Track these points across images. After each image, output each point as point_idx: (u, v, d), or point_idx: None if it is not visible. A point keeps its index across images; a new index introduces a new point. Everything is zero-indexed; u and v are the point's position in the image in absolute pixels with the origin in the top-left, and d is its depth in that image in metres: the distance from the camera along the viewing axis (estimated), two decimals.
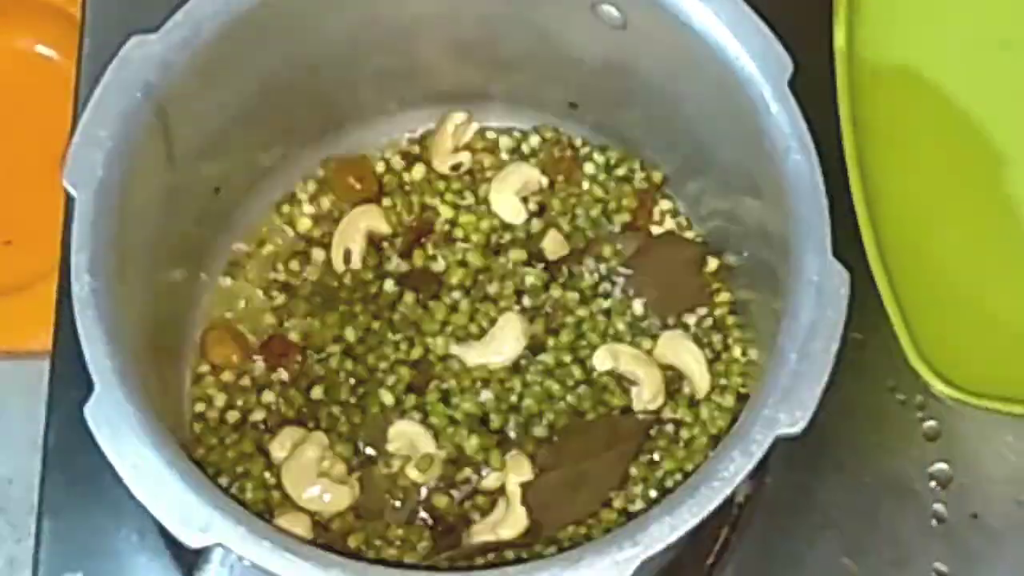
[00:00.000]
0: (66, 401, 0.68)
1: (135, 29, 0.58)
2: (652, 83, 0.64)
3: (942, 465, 0.69)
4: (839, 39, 0.69)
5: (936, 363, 0.65)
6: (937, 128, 0.72)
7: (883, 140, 0.69)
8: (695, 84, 0.61)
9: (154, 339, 0.61)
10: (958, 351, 0.66)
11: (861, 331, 0.67)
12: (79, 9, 0.77)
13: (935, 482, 0.69)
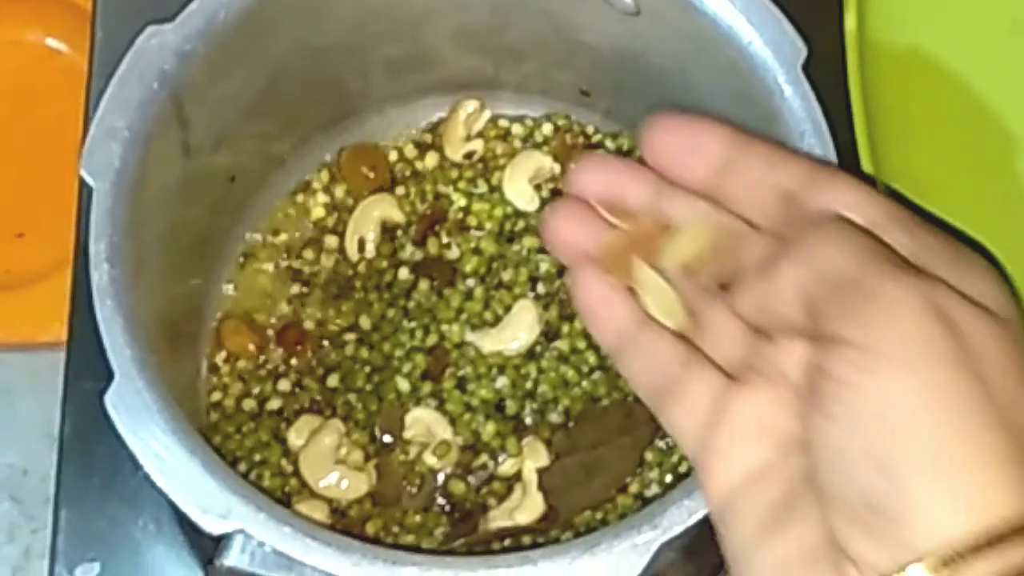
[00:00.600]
0: (81, 391, 0.68)
1: (146, 20, 0.58)
2: (664, 69, 0.64)
3: None
4: (849, 21, 0.69)
5: None
6: (948, 110, 0.72)
7: (894, 123, 0.69)
8: (708, 69, 0.61)
9: (171, 328, 0.61)
10: None
11: None
12: (90, 1, 0.77)
13: None
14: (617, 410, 0.65)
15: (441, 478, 0.65)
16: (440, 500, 0.65)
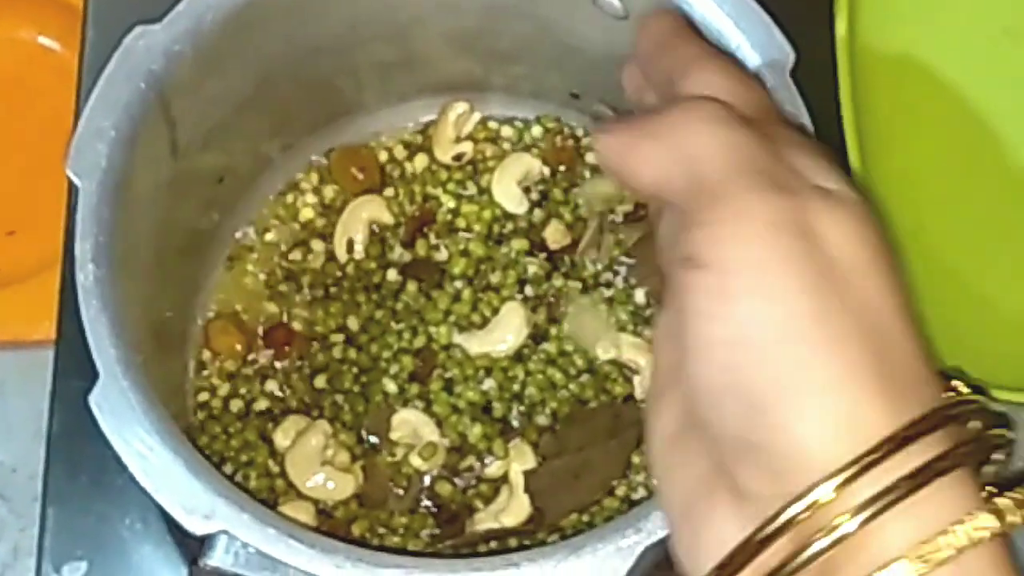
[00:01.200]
0: (70, 390, 0.68)
1: (138, 19, 0.58)
2: None
3: None
4: (840, 27, 0.69)
5: (944, 354, 0.65)
6: (939, 116, 0.72)
7: (885, 129, 0.70)
8: None
9: (158, 328, 0.61)
10: (963, 340, 0.66)
11: None
12: (81, 0, 0.77)
13: None
14: (605, 413, 0.65)
15: (427, 480, 0.65)
16: (426, 502, 0.65)
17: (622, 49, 0.63)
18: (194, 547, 0.52)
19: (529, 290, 0.67)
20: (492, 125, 0.72)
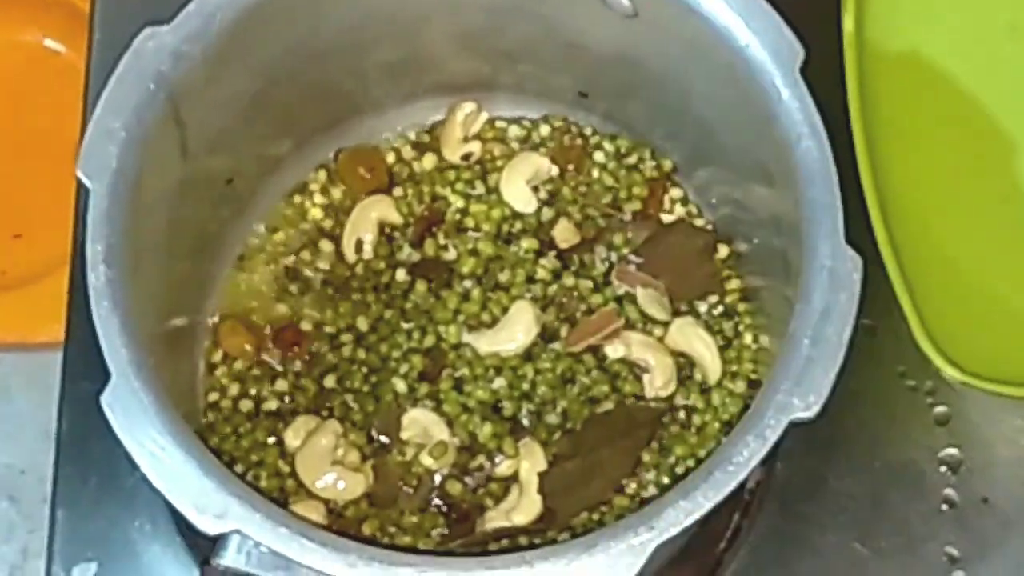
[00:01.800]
0: (79, 392, 0.68)
1: (145, 21, 0.58)
2: (662, 71, 0.64)
3: (952, 450, 0.69)
4: (847, 23, 0.69)
5: (946, 348, 0.65)
6: (947, 112, 0.72)
7: (892, 125, 0.70)
8: (705, 72, 0.61)
9: (168, 329, 0.61)
10: (968, 336, 0.66)
11: (871, 317, 0.67)
12: (88, 2, 0.77)
13: (945, 467, 0.69)
14: (619, 414, 0.65)
15: (438, 479, 0.65)
16: (437, 501, 0.65)
17: (630, 48, 0.64)
18: (205, 547, 0.53)
19: (538, 289, 0.67)
20: (500, 124, 0.72)
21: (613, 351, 0.66)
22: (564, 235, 0.68)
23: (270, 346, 0.67)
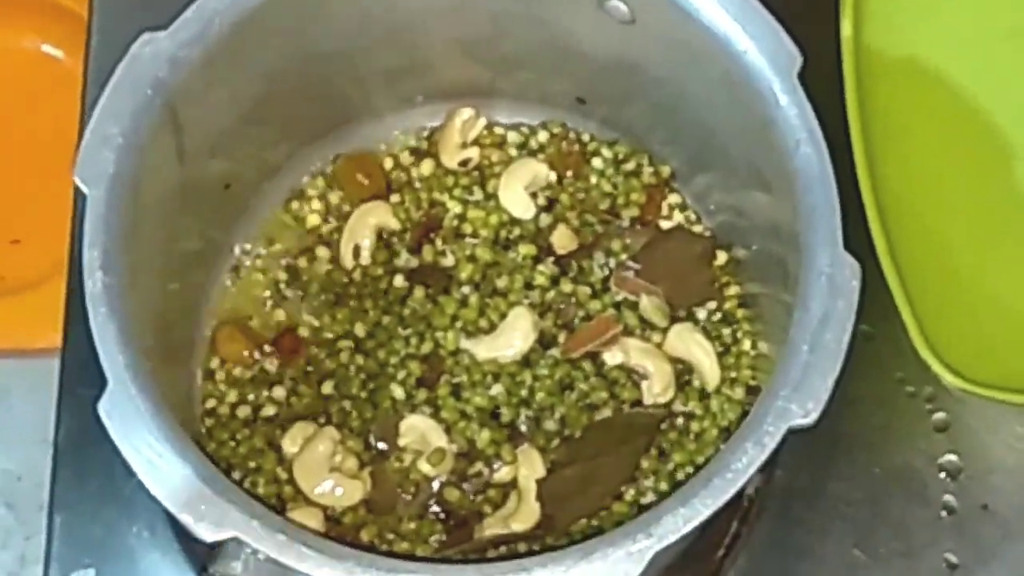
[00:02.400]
0: (76, 398, 0.68)
1: (142, 27, 0.58)
2: (660, 78, 0.64)
3: (951, 456, 0.69)
4: (845, 28, 0.69)
5: (945, 355, 0.65)
6: (945, 118, 0.72)
7: (891, 130, 0.69)
8: (703, 78, 0.61)
9: (165, 335, 0.61)
10: (967, 343, 0.66)
11: (870, 323, 0.67)
12: (86, 8, 0.77)
13: (944, 473, 0.69)
14: (619, 421, 0.65)
15: (436, 485, 0.65)
16: (435, 507, 0.64)
17: (629, 55, 0.63)
18: (203, 554, 0.53)
19: (536, 295, 0.67)
20: (498, 131, 0.72)
21: (611, 358, 0.66)
22: (562, 241, 0.68)
23: (268, 352, 0.67)
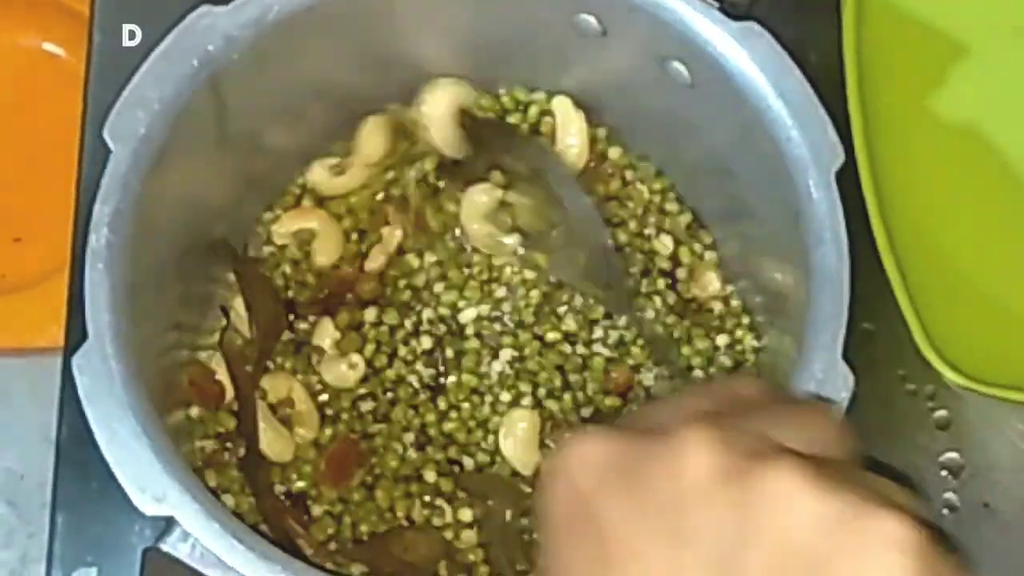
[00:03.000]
0: (78, 396, 0.68)
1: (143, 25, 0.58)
2: (710, 140, 0.64)
3: (953, 454, 0.69)
4: (847, 26, 0.69)
5: (947, 352, 0.65)
6: (949, 117, 0.72)
7: (894, 129, 0.69)
8: (748, 151, 0.60)
9: (170, 317, 0.61)
10: (969, 340, 0.66)
11: (871, 321, 0.67)
12: (87, 6, 0.77)
13: (946, 471, 0.69)
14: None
15: None
16: None
17: (685, 114, 0.63)
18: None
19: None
20: None
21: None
22: None
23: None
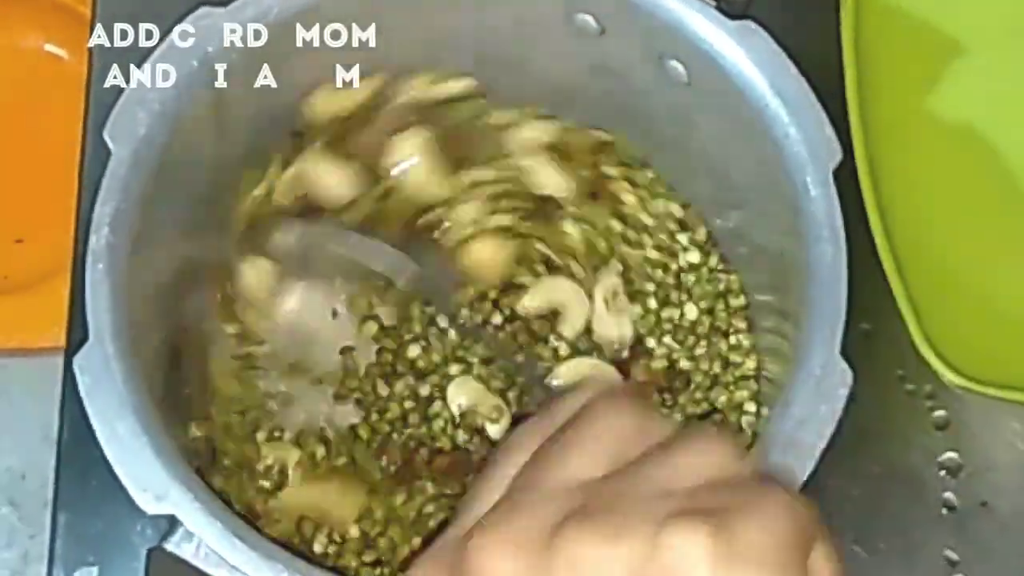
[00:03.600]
0: (79, 396, 0.68)
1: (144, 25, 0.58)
2: (708, 139, 0.64)
3: (951, 454, 0.69)
4: (845, 24, 0.69)
5: (945, 352, 0.65)
6: (948, 116, 0.72)
7: (893, 128, 0.69)
8: (745, 149, 0.60)
9: (168, 316, 0.61)
10: (967, 340, 0.66)
11: (869, 321, 0.67)
12: (89, 7, 0.77)
13: (944, 471, 0.69)
14: None
15: None
16: None
17: (684, 113, 0.62)
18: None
19: None
20: None
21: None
22: None
23: None
